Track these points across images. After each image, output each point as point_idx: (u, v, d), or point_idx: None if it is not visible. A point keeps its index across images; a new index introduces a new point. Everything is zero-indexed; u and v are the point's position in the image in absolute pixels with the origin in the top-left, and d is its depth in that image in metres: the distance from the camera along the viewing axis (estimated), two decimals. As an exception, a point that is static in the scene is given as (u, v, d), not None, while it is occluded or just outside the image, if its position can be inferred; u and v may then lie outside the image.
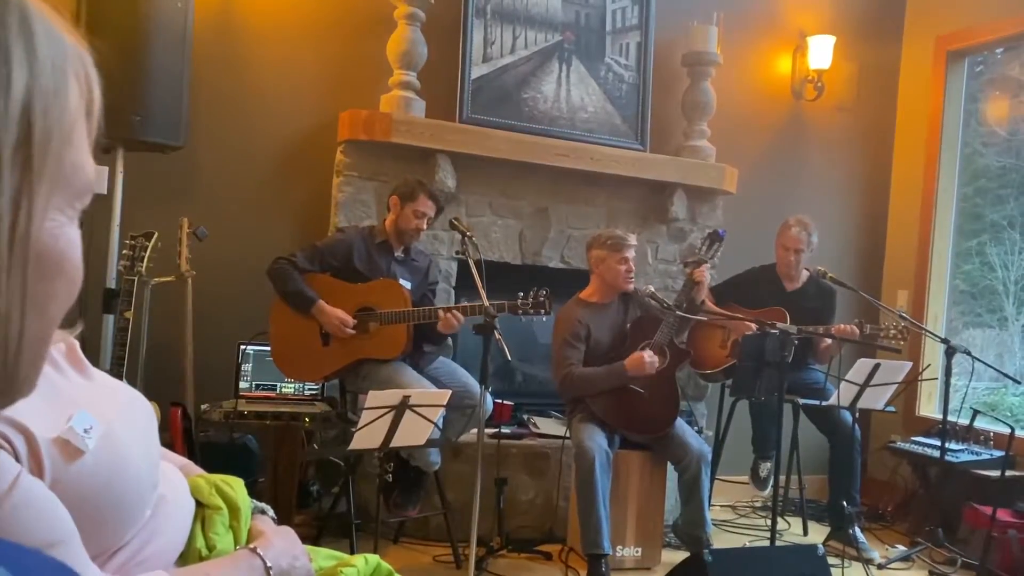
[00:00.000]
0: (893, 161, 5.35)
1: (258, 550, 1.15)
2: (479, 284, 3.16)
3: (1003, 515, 3.77)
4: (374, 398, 2.81)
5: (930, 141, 5.08)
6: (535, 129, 4.27)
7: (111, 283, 3.48)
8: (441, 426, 3.29)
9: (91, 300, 3.42)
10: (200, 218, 3.61)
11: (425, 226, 3.59)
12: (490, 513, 3.52)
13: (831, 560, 3.12)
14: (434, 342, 3.58)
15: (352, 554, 1.39)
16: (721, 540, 4.03)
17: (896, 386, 3.86)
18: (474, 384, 3.47)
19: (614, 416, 3.60)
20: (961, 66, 5.07)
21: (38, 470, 0.89)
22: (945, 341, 3.90)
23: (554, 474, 3.81)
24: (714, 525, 3.92)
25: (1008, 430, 3.74)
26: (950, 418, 3.97)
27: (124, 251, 3.27)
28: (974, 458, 4.17)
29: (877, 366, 3.72)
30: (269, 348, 3.60)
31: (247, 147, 4.01)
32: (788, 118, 5.11)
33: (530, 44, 4.31)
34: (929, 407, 5.02)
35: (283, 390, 3.83)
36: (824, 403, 3.89)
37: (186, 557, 1.12)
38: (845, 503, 3.98)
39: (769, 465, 4.35)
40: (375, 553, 1.43)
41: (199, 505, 1.18)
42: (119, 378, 2.65)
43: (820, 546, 3.07)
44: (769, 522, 3.52)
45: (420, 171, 3.95)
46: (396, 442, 2.91)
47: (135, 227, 3.34)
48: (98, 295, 3.43)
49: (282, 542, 1.20)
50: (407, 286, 3.55)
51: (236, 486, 1.24)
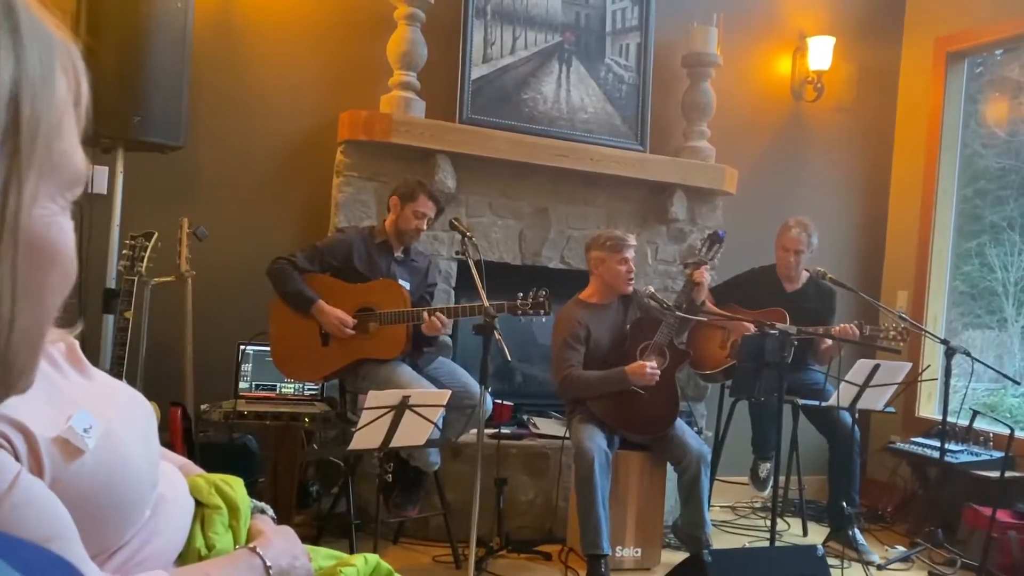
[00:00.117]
0: (893, 162, 5.35)
1: (258, 549, 1.15)
2: (479, 284, 3.16)
3: (1003, 516, 3.77)
4: (374, 398, 2.81)
5: (930, 142, 5.08)
6: (535, 130, 4.27)
7: (111, 283, 3.48)
8: (441, 426, 3.29)
9: (91, 300, 3.42)
10: (200, 218, 3.61)
11: (425, 226, 3.59)
12: (490, 513, 3.52)
13: (830, 561, 3.12)
14: (428, 343, 3.58)
15: (352, 554, 1.39)
16: (721, 541, 4.03)
17: (896, 387, 3.86)
18: (474, 384, 3.47)
19: (614, 417, 3.60)
20: (961, 67, 5.07)
21: (38, 469, 0.89)
22: (945, 342, 3.90)
23: (554, 474, 3.81)
24: (714, 526, 3.92)
25: (1007, 431, 3.74)
26: (950, 419, 3.97)
27: (124, 251, 3.27)
28: (974, 459, 4.17)
29: (877, 367, 3.72)
30: (269, 348, 3.60)
31: (247, 147, 4.01)
32: (788, 119, 5.11)
33: (530, 45, 4.31)
34: (929, 408, 5.02)
35: (283, 390, 3.83)
36: (824, 404, 3.89)
37: (185, 556, 1.12)
38: (845, 504, 3.99)
39: (769, 466, 4.35)
40: (375, 553, 1.43)
41: (198, 505, 1.18)
42: (119, 378, 2.65)
43: (820, 547, 3.07)
44: (769, 523, 3.52)
45: (420, 171, 3.95)
46: (396, 442, 2.91)
47: (135, 227, 3.34)
48: (98, 295, 3.43)
49: (282, 541, 1.20)
50: (406, 287, 3.55)
51: (235, 486, 1.24)
